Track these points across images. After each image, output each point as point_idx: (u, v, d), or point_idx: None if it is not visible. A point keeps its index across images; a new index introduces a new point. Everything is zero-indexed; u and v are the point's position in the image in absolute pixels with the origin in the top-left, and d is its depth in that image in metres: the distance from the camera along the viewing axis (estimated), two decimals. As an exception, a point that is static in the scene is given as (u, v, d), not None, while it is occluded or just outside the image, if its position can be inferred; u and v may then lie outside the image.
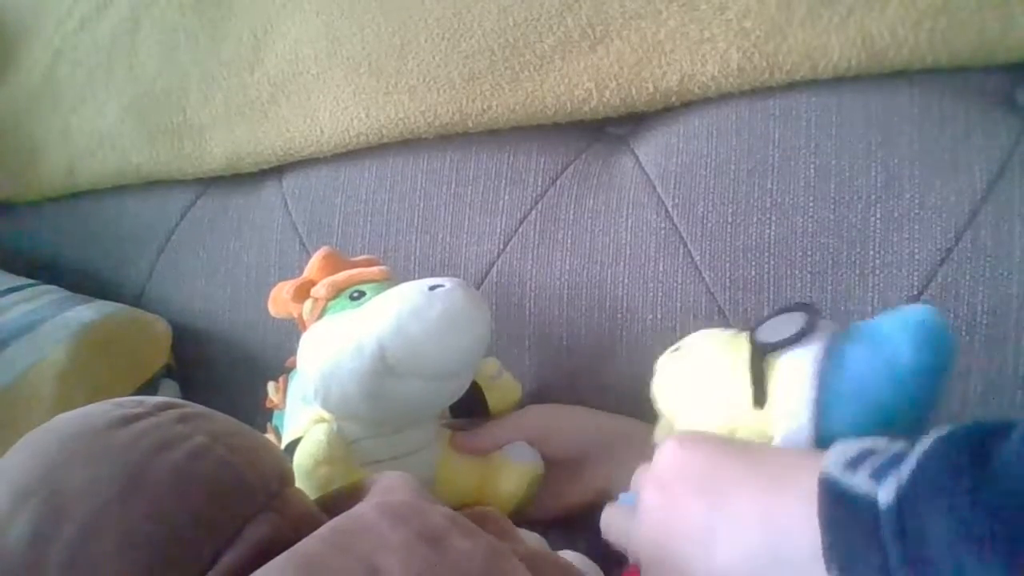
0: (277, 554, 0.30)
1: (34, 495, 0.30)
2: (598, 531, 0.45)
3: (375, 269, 0.56)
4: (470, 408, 0.58)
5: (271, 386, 0.60)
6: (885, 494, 0.27)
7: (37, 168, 0.87)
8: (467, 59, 0.65)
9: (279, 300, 0.58)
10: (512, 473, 0.55)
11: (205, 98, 0.77)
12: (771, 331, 0.37)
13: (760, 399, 0.36)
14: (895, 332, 0.34)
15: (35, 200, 0.89)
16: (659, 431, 0.46)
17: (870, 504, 0.27)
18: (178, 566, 0.30)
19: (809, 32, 0.55)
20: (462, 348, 0.50)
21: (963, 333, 0.51)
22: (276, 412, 0.59)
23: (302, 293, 0.55)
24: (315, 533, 0.31)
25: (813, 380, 0.34)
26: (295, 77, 0.73)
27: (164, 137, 0.79)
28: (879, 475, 0.27)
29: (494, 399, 0.59)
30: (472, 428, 0.58)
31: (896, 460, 0.28)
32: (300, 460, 0.50)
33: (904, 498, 0.26)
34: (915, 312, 0.35)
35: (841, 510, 0.28)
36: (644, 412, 0.46)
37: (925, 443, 0.27)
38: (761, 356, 0.36)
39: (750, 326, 0.39)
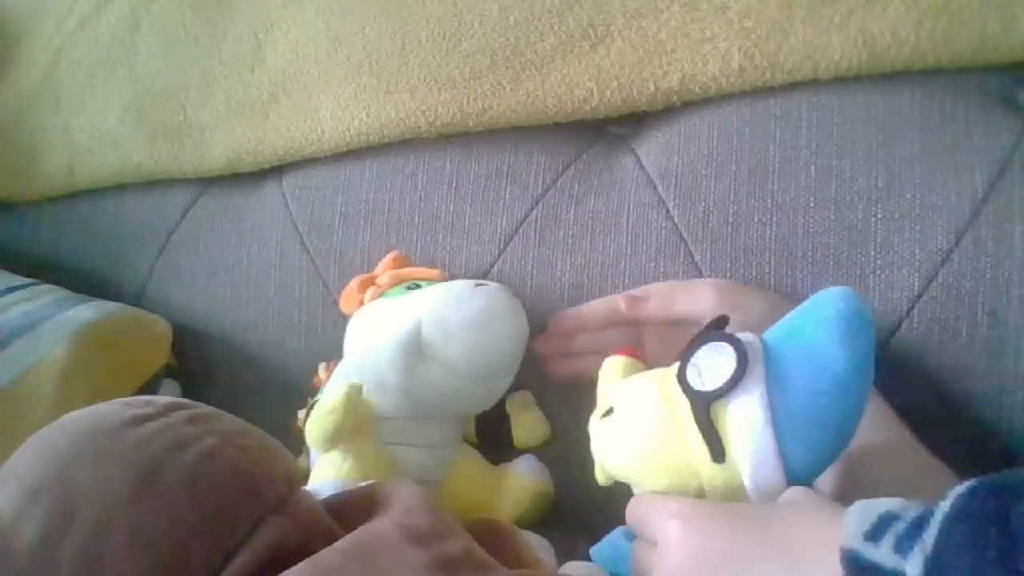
0: (287, 557, 0.30)
1: (45, 494, 0.30)
2: (599, 534, 0.45)
3: (435, 271, 0.60)
4: (495, 435, 0.60)
5: (322, 366, 0.63)
6: (912, 568, 0.26)
7: (37, 167, 0.86)
8: (468, 58, 0.65)
9: (349, 294, 0.61)
10: (517, 489, 0.56)
11: (206, 97, 0.77)
12: (701, 374, 0.36)
13: (719, 455, 0.34)
14: (820, 335, 0.34)
15: (35, 199, 0.89)
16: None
17: None
18: (189, 567, 0.29)
19: (810, 32, 0.55)
20: (491, 346, 0.53)
21: (964, 333, 0.51)
22: (319, 391, 0.61)
23: (366, 284, 0.60)
24: (335, 545, 0.31)
25: (768, 422, 0.33)
26: (296, 76, 0.73)
27: (164, 136, 0.79)
28: (903, 546, 0.27)
29: (520, 431, 0.60)
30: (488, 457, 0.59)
31: (917, 527, 0.27)
32: (317, 408, 0.52)
33: (932, 571, 0.25)
34: (830, 304, 0.35)
35: None
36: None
37: (945, 507, 0.27)
38: (705, 409, 0.34)
39: (678, 369, 0.37)
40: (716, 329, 0.38)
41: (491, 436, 0.62)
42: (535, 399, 0.62)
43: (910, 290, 0.53)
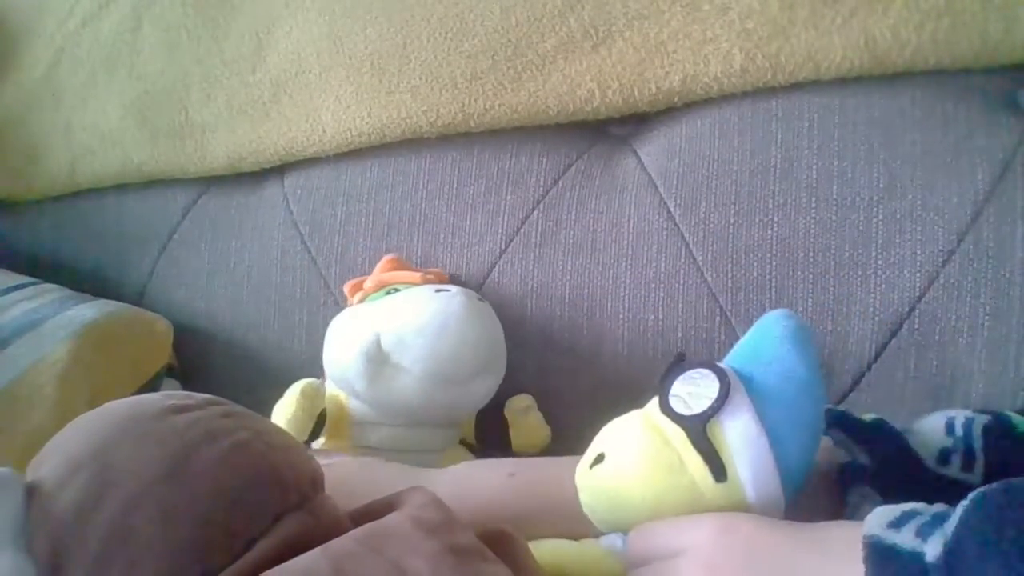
0: (305, 551, 0.31)
1: (86, 467, 0.32)
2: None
3: (417, 275, 0.60)
4: (496, 438, 0.61)
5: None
6: (932, 548, 0.27)
7: (39, 167, 0.87)
8: (469, 59, 0.65)
9: (346, 298, 0.64)
10: None
11: (207, 97, 0.77)
12: (686, 401, 0.37)
13: (720, 473, 0.35)
14: (778, 350, 0.37)
15: (37, 199, 0.89)
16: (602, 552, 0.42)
17: (917, 558, 0.27)
18: (212, 548, 0.31)
19: (812, 33, 0.55)
20: (446, 351, 0.53)
21: (965, 334, 0.51)
22: None
23: (356, 289, 0.62)
24: (348, 534, 0.32)
25: (762, 431, 0.35)
26: (297, 76, 0.73)
27: (166, 136, 0.79)
28: (924, 532, 0.28)
29: (519, 435, 0.61)
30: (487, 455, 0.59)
31: (939, 519, 0.28)
32: (276, 406, 0.56)
33: (952, 551, 0.26)
34: (777, 324, 0.38)
35: (889, 567, 0.28)
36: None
37: (965, 503, 0.28)
38: (701, 431, 0.36)
39: (659, 403, 0.38)
40: (681, 362, 0.40)
41: (493, 440, 0.62)
42: (535, 403, 0.62)
43: (911, 291, 0.53)
